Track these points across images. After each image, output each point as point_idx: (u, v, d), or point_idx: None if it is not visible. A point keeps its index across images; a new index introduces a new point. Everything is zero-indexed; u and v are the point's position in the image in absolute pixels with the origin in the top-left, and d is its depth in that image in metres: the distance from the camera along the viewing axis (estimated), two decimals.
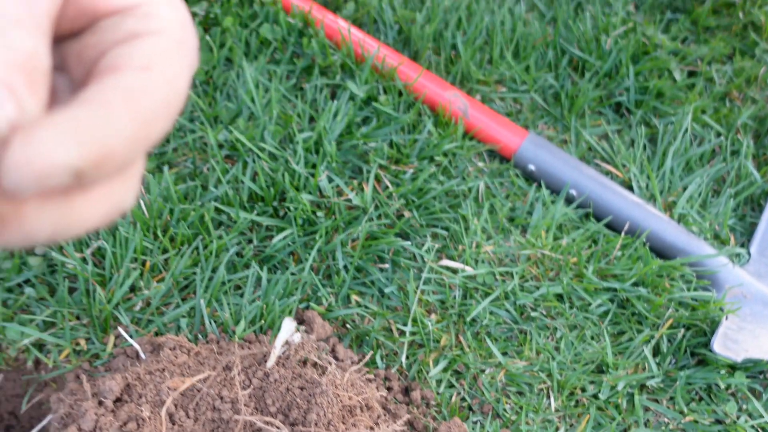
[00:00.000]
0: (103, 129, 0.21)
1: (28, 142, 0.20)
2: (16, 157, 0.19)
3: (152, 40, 0.25)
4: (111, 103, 0.22)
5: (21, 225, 0.22)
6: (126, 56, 0.25)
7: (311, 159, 0.75)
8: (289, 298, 0.66)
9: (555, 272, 0.74)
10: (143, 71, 0.24)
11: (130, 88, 0.24)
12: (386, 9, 0.89)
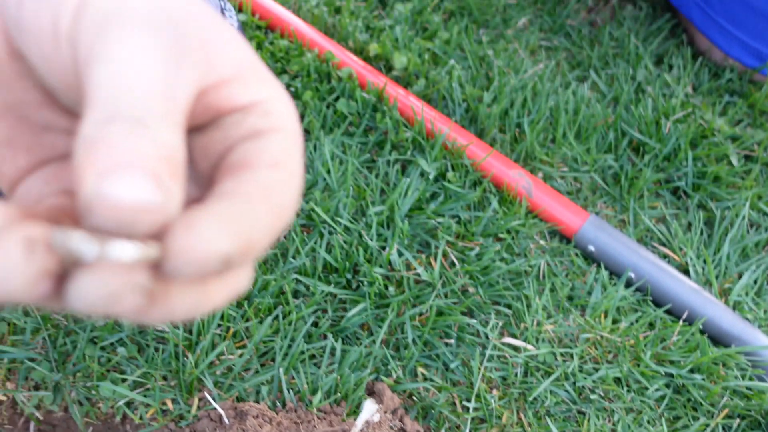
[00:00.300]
0: (249, 221, 0.24)
1: (190, 231, 0.22)
2: (179, 244, 0.22)
3: (275, 137, 0.28)
4: (252, 198, 0.25)
5: (166, 304, 0.24)
6: (255, 153, 0.27)
7: (383, 232, 0.79)
8: (361, 370, 0.69)
9: (613, 354, 0.77)
10: (273, 168, 0.26)
11: (264, 184, 0.26)
12: (455, 87, 0.94)
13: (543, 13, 1.13)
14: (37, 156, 0.30)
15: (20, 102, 0.29)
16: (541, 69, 1.02)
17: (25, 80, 0.29)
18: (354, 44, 0.98)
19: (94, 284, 0.21)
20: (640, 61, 1.06)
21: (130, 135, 0.22)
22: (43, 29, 0.25)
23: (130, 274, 0.21)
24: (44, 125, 0.30)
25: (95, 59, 0.24)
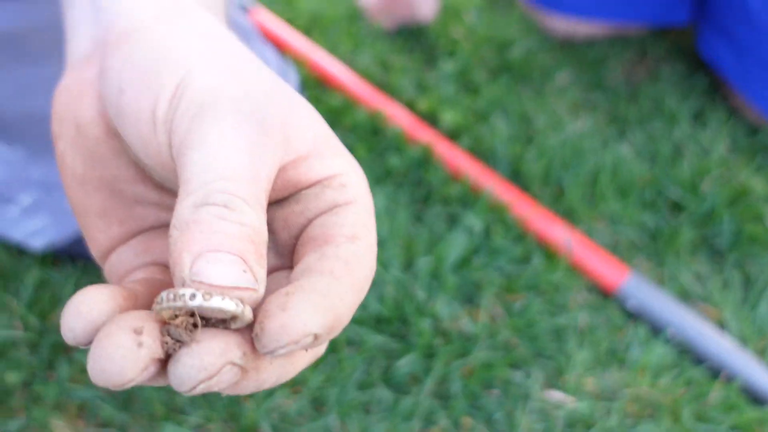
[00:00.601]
0: (336, 299, 0.25)
1: (285, 312, 0.23)
2: (274, 325, 0.23)
3: (351, 209, 0.30)
4: (336, 274, 0.26)
5: (257, 377, 0.26)
6: (334, 226, 0.29)
7: (431, 285, 0.83)
8: (410, 420, 0.73)
9: (652, 410, 0.79)
10: (351, 241, 0.28)
11: (346, 258, 0.27)
12: (498, 144, 0.98)
13: (582, 71, 1.17)
14: (128, 227, 0.33)
15: (115, 177, 0.33)
16: (580, 127, 1.06)
17: (120, 157, 0.32)
18: (404, 100, 1.03)
19: (194, 366, 0.23)
20: (676, 120, 1.09)
21: (220, 219, 0.25)
22: (142, 115, 0.29)
23: (227, 354, 0.24)
24: (136, 198, 0.33)
25: (190, 145, 0.27)
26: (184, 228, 0.25)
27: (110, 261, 0.33)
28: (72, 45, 0.35)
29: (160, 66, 0.29)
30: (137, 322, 0.23)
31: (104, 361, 0.22)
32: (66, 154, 0.33)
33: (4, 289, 0.76)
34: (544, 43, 1.19)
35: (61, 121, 0.33)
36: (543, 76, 1.14)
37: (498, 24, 1.20)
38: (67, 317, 0.24)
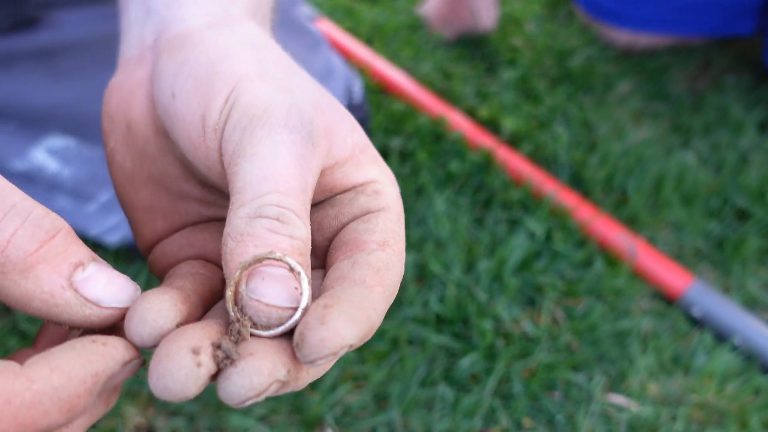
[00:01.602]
0: (369, 309, 0.26)
1: (324, 326, 0.24)
2: (314, 338, 0.24)
3: (383, 216, 0.31)
4: (368, 282, 0.27)
5: (295, 384, 0.27)
6: (365, 232, 0.30)
7: (492, 287, 0.83)
8: (471, 418, 0.73)
9: (718, 418, 0.77)
10: (383, 248, 0.29)
11: (377, 266, 0.28)
12: (560, 151, 0.98)
13: (644, 80, 1.16)
14: (171, 222, 0.35)
15: (162, 174, 0.34)
16: (644, 135, 1.05)
17: (167, 155, 0.34)
18: (465, 107, 1.04)
19: (243, 386, 0.24)
20: (742, 129, 1.08)
21: (272, 233, 0.26)
22: (193, 120, 0.30)
23: (274, 374, 0.25)
24: (180, 195, 0.34)
25: (242, 155, 0.28)
26: (239, 239, 0.26)
27: (154, 253, 0.35)
28: (124, 45, 0.37)
29: (211, 75, 0.30)
30: (195, 341, 0.24)
31: (167, 380, 0.23)
32: (116, 151, 0.34)
33: None
34: (604, 52, 1.19)
35: (112, 120, 0.34)
36: (604, 85, 1.14)
37: (558, 33, 1.20)
38: (133, 324, 0.25)
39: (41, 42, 0.66)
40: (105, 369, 0.25)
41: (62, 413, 0.24)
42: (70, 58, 0.68)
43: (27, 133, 0.74)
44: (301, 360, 0.24)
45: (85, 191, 0.78)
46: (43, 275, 0.26)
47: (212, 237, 0.34)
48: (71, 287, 0.26)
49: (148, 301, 0.26)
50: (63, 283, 0.26)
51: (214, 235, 0.34)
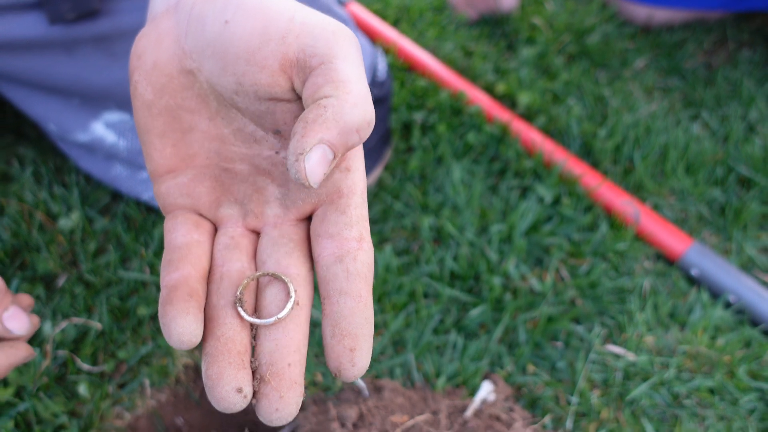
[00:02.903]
0: (370, 329, 0.36)
1: (354, 366, 0.35)
2: (349, 374, 0.35)
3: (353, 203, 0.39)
4: (363, 297, 0.36)
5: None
6: (345, 227, 0.38)
7: (502, 248, 0.91)
8: (479, 361, 0.82)
9: (708, 367, 0.84)
10: (360, 244, 0.38)
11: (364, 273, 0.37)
12: (573, 123, 1.05)
13: (660, 56, 1.22)
14: (179, 150, 0.42)
15: (177, 106, 0.42)
16: (654, 108, 1.11)
17: (186, 91, 0.41)
18: (483, 83, 1.11)
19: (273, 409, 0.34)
20: (753, 102, 1.13)
21: (360, 128, 0.36)
22: (252, 36, 0.38)
23: (298, 398, 0.35)
24: (190, 126, 0.42)
25: (337, 57, 0.37)
26: (337, 114, 0.34)
27: (159, 189, 0.43)
28: (152, 5, 0.45)
29: (264, 4, 0.38)
30: (237, 380, 0.34)
31: (224, 407, 0.34)
32: (140, 83, 0.42)
33: (136, 240, 0.90)
34: (622, 29, 1.24)
35: (140, 57, 0.42)
36: (620, 61, 1.20)
37: (577, 11, 1.26)
38: (171, 340, 0.35)
39: (101, 29, 0.75)
40: (15, 361, 0.50)
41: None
42: (125, 42, 0.77)
43: (88, 108, 0.84)
44: (339, 379, 0.36)
45: (138, 160, 0.88)
46: None
47: (207, 192, 0.42)
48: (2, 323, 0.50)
49: (181, 324, 0.35)
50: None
51: (208, 190, 0.42)
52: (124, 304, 0.83)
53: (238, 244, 0.41)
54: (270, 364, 0.35)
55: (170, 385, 0.81)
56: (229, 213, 0.42)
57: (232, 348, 0.36)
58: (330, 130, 0.34)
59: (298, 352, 0.36)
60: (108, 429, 0.76)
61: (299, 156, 0.34)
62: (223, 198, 0.42)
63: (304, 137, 0.34)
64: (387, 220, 0.95)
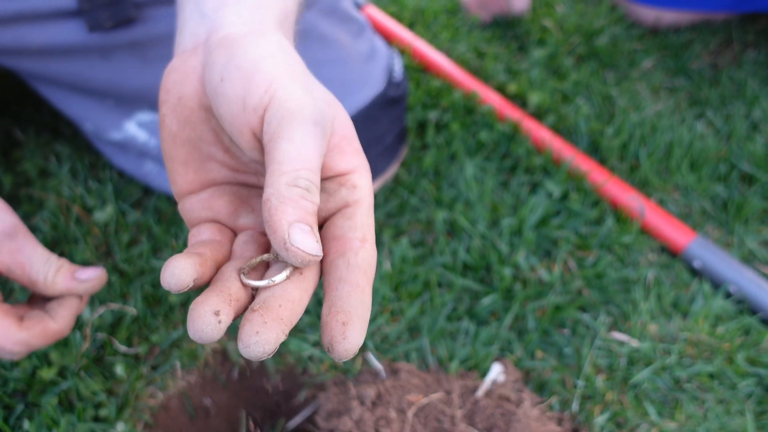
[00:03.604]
0: (366, 313, 0.38)
1: (345, 339, 0.36)
2: (340, 349, 0.36)
3: (359, 211, 0.42)
4: (361, 285, 0.38)
5: None
6: (350, 230, 0.41)
7: (513, 241, 0.96)
8: (490, 346, 0.86)
9: (709, 354, 0.89)
10: (363, 244, 0.41)
11: (364, 267, 0.40)
12: (581, 122, 1.09)
13: (667, 57, 1.26)
14: (200, 176, 0.47)
15: (198, 137, 0.46)
16: (660, 107, 1.15)
17: (205, 124, 0.46)
18: (495, 84, 1.16)
19: (254, 332, 0.35)
20: (756, 101, 1.16)
21: (303, 199, 0.38)
22: (236, 99, 0.42)
23: (279, 330, 0.36)
24: (209, 155, 0.47)
25: (282, 137, 0.39)
26: (281, 200, 0.37)
27: (184, 205, 0.47)
28: (180, 38, 0.49)
29: (253, 70, 0.42)
30: (217, 305, 0.36)
31: (198, 332, 0.35)
32: (166, 116, 0.46)
33: (167, 232, 0.95)
34: (630, 30, 1.28)
35: (168, 92, 0.46)
36: (628, 62, 1.24)
37: (587, 14, 1.30)
38: (165, 276, 0.37)
39: (135, 36, 0.81)
40: (77, 312, 0.59)
41: (68, 330, 0.57)
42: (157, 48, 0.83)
43: (122, 109, 0.89)
44: (333, 358, 0.37)
45: None
46: (60, 282, 0.57)
47: (226, 205, 0.47)
48: (72, 280, 0.58)
49: (177, 261, 0.37)
50: (71, 280, 0.57)
51: (227, 203, 0.47)
52: (156, 291, 0.89)
53: (256, 240, 0.45)
54: (261, 302, 0.37)
55: (199, 367, 0.86)
56: (246, 222, 0.47)
57: (223, 288, 0.38)
58: (286, 213, 0.37)
59: (291, 302, 0.38)
60: (142, 407, 0.81)
61: (287, 247, 0.37)
62: (241, 208, 0.47)
63: (276, 233, 0.37)
64: (403, 214, 1.00)
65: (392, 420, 0.73)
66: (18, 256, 0.55)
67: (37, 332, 0.55)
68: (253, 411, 0.89)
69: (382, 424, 0.73)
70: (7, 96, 1.10)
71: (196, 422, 0.87)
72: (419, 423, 0.74)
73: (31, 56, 0.81)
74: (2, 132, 1.07)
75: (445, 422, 0.74)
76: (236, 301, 0.38)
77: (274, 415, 0.89)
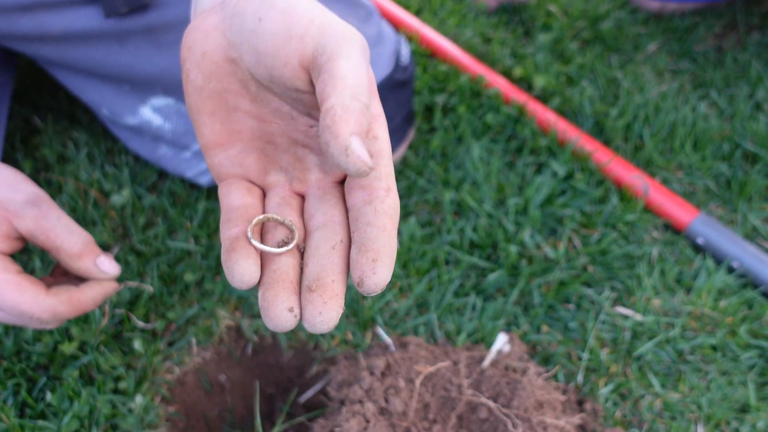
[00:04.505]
0: (393, 251, 0.41)
1: (375, 274, 0.39)
2: (370, 283, 0.39)
3: (382, 162, 0.44)
4: (387, 229, 0.41)
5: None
6: (375, 180, 0.43)
7: (519, 219, 0.98)
8: (496, 321, 0.89)
9: (712, 327, 0.90)
10: (388, 193, 0.43)
11: (389, 212, 0.42)
12: (585, 104, 1.11)
13: (672, 40, 1.27)
14: (227, 127, 0.49)
15: (224, 89, 0.48)
16: (664, 89, 1.17)
17: (230, 76, 0.48)
18: (501, 68, 1.18)
19: (317, 312, 0.40)
20: (760, 82, 1.18)
21: (362, 114, 0.40)
22: (278, 33, 0.43)
23: (338, 308, 0.40)
24: (236, 107, 0.49)
25: (340, 56, 0.41)
26: (345, 110, 0.39)
27: (212, 161, 0.49)
28: (196, 3, 0.51)
29: (291, 6, 0.44)
30: (288, 301, 0.41)
31: (279, 328, 0.40)
32: (191, 71, 0.48)
33: (181, 214, 0.98)
34: (635, 15, 1.30)
35: (190, 49, 0.48)
36: (633, 46, 1.26)
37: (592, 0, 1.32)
38: (233, 280, 0.41)
39: (150, 21, 0.83)
40: (108, 292, 0.62)
41: (94, 304, 0.59)
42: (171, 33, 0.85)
43: (137, 94, 0.92)
44: (362, 293, 0.40)
45: (182, 141, 0.96)
46: (86, 259, 0.54)
47: (254, 162, 0.49)
48: (95, 264, 0.54)
49: (240, 265, 0.42)
50: (93, 263, 0.52)
51: (256, 160, 0.49)
52: (172, 270, 0.92)
53: (288, 203, 0.48)
54: (316, 280, 0.41)
55: (214, 344, 0.89)
56: (276, 179, 0.49)
57: (285, 278, 0.42)
58: (349, 123, 0.39)
59: (341, 273, 0.42)
60: (159, 382, 0.84)
61: (348, 153, 0.39)
62: (270, 166, 0.49)
63: (338, 139, 0.39)
64: (411, 195, 1.02)
65: (401, 389, 0.76)
66: (42, 222, 0.57)
67: (63, 299, 0.58)
68: (266, 386, 0.92)
69: (391, 392, 0.76)
70: (27, 84, 1.14)
71: (211, 397, 0.90)
72: (427, 392, 0.77)
73: (50, 43, 0.83)
74: (22, 119, 1.11)
75: (452, 391, 0.76)
76: (297, 284, 0.42)
77: (286, 389, 0.92)
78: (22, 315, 0.58)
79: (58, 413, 0.78)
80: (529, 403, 0.74)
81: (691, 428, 0.83)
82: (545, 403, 0.76)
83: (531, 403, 0.75)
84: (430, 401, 0.76)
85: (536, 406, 0.75)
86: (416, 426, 0.74)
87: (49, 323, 0.59)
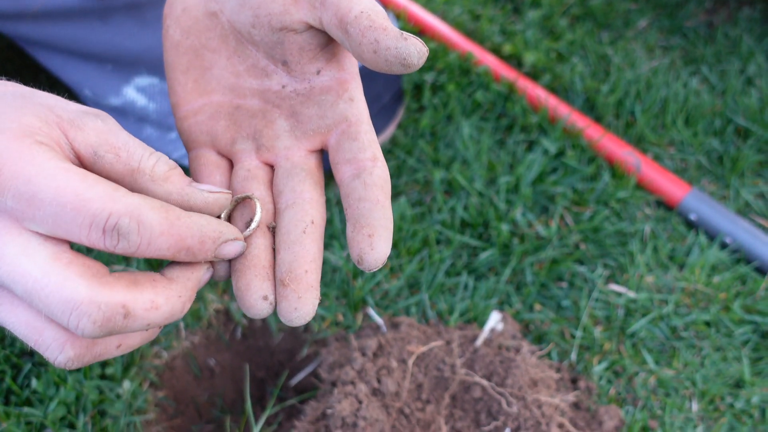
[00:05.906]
0: (390, 223, 0.41)
1: (373, 250, 0.39)
2: (370, 259, 0.39)
3: (363, 130, 0.44)
4: (381, 201, 0.41)
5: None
6: (359, 151, 0.43)
7: (510, 198, 0.97)
8: (488, 300, 0.88)
9: (705, 303, 0.90)
10: (375, 163, 0.43)
11: (380, 184, 0.42)
12: (576, 80, 1.10)
13: (662, 16, 1.26)
14: (200, 86, 0.48)
15: (201, 45, 0.47)
16: (655, 65, 1.16)
17: (211, 31, 0.47)
18: (490, 45, 1.16)
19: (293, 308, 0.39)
20: (752, 57, 1.17)
21: (387, 17, 0.40)
22: None
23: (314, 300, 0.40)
24: (210, 65, 0.48)
25: None
26: (376, 12, 0.38)
27: (182, 126, 0.48)
28: None
29: None
30: (262, 289, 0.40)
31: (254, 314, 0.40)
32: (170, 27, 0.48)
33: None
34: None
35: (171, 5, 0.48)
36: (623, 22, 1.24)
37: None
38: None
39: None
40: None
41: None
42: (155, 9, 0.83)
43: (120, 73, 0.90)
44: (363, 270, 0.39)
45: (167, 122, 0.94)
46: (176, 181, 0.41)
47: (222, 130, 0.48)
48: (191, 186, 0.41)
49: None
50: (186, 184, 0.41)
51: (225, 128, 0.48)
52: None
53: (255, 175, 0.47)
54: (289, 272, 0.40)
55: (203, 328, 0.88)
56: (243, 148, 0.48)
57: (257, 262, 0.41)
58: (387, 19, 0.39)
59: (313, 262, 0.41)
60: (147, 367, 0.83)
61: (405, 36, 0.37)
62: (237, 135, 0.48)
63: (386, 30, 0.38)
64: (401, 175, 1.01)
65: (393, 369, 0.75)
66: (109, 137, 0.40)
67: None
68: (256, 369, 0.90)
69: (383, 373, 0.75)
70: (7, 68, 1.11)
71: (200, 381, 0.88)
72: (420, 372, 0.76)
73: (30, 20, 0.81)
74: None
75: (446, 370, 0.75)
76: (271, 268, 0.41)
77: (277, 373, 0.90)
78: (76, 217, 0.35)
79: (43, 400, 0.77)
80: (523, 381, 0.74)
81: (686, 404, 0.83)
82: (539, 381, 0.76)
83: (525, 382, 0.74)
84: (423, 381, 0.75)
85: (530, 384, 0.75)
86: (409, 406, 0.73)
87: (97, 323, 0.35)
